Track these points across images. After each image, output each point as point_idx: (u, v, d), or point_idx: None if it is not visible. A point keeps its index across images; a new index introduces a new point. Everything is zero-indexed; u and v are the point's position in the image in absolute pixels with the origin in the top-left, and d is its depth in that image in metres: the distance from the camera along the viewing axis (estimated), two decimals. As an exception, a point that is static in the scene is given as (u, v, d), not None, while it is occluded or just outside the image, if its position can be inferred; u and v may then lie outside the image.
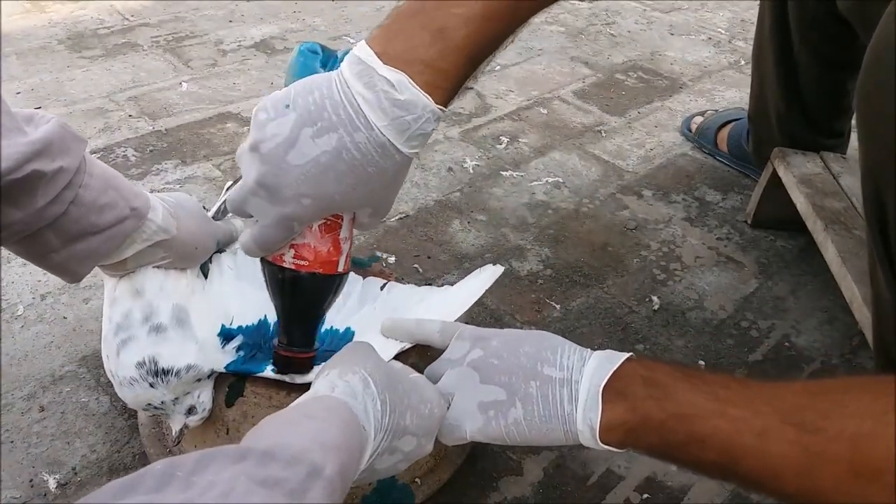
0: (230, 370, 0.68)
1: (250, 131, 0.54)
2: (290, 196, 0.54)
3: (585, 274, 1.08)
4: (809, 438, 0.47)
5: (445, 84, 0.53)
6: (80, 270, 0.62)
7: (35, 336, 0.90)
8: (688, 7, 2.06)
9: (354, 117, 0.52)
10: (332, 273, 0.62)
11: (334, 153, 0.52)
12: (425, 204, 1.19)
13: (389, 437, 0.53)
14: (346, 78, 0.52)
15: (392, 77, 0.51)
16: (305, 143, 0.52)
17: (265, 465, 0.39)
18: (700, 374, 0.54)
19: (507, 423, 0.56)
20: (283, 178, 0.53)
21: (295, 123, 0.52)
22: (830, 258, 0.94)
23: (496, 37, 0.55)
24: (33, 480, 0.74)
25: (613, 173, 1.32)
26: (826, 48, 1.08)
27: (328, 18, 1.74)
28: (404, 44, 0.52)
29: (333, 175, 0.53)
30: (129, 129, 1.29)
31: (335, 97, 0.52)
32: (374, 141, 0.52)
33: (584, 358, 0.57)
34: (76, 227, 0.59)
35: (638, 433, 0.53)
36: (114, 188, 0.61)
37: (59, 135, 0.56)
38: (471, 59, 0.54)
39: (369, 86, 0.51)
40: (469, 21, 0.52)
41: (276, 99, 0.53)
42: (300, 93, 0.53)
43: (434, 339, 0.65)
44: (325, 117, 0.52)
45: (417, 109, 0.52)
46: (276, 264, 0.61)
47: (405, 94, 0.51)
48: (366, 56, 0.52)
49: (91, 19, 1.66)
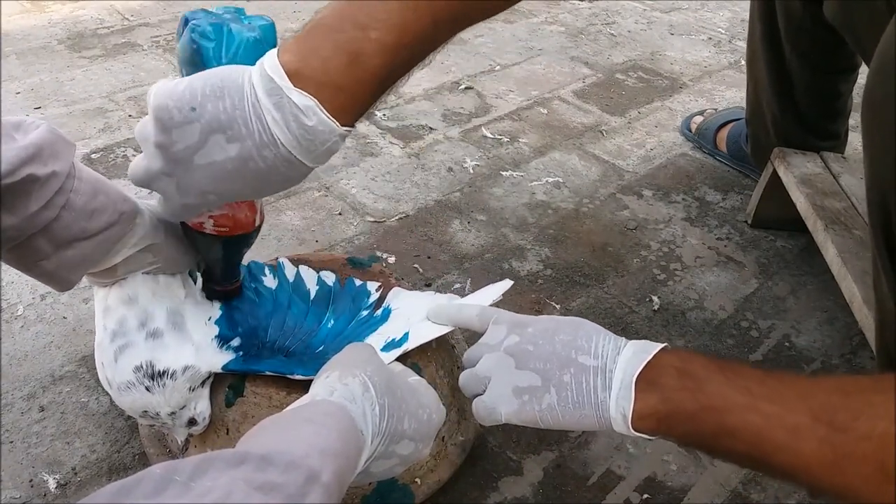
0: (228, 370, 0.68)
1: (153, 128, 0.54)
2: (195, 192, 0.55)
3: (585, 274, 1.08)
4: (839, 437, 0.48)
5: (355, 108, 0.54)
6: (70, 277, 0.62)
7: (35, 336, 0.90)
8: (688, 7, 2.06)
9: (263, 133, 0.52)
10: (250, 231, 0.66)
11: (241, 161, 0.53)
12: (425, 204, 1.19)
13: (387, 442, 0.53)
14: (257, 93, 0.52)
15: (301, 102, 0.52)
16: (213, 149, 0.53)
17: (263, 470, 0.39)
18: (736, 367, 0.55)
19: (542, 408, 0.57)
20: (189, 177, 0.55)
21: (203, 130, 0.52)
22: (830, 258, 0.94)
23: (410, 62, 0.56)
24: (33, 480, 0.74)
25: (613, 173, 1.32)
26: (816, 54, 1.09)
27: (328, 18, 1.73)
28: (319, 65, 0.52)
29: (239, 179, 0.54)
30: (129, 129, 1.29)
31: (245, 109, 0.52)
32: (282, 157, 0.53)
33: (618, 347, 0.57)
34: (67, 232, 0.59)
35: (670, 422, 0.54)
36: (103, 193, 0.61)
37: (49, 139, 0.56)
38: (384, 84, 0.55)
39: (278, 106, 0.52)
40: (385, 49, 0.53)
41: (180, 99, 0.52)
42: (208, 97, 0.52)
43: (473, 324, 0.66)
44: (235, 128, 0.52)
45: (324, 134, 0.53)
46: (198, 230, 0.65)
47: (313, 120, 0.52)
48: (277, 75, 0.52)
49: (91, 19, 1.66)
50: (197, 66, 0.56)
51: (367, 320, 0.76)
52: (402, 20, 0.53)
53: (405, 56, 0.54)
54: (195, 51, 0.57)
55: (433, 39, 0.56)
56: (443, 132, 1.37)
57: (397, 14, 0.52)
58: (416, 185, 1.23)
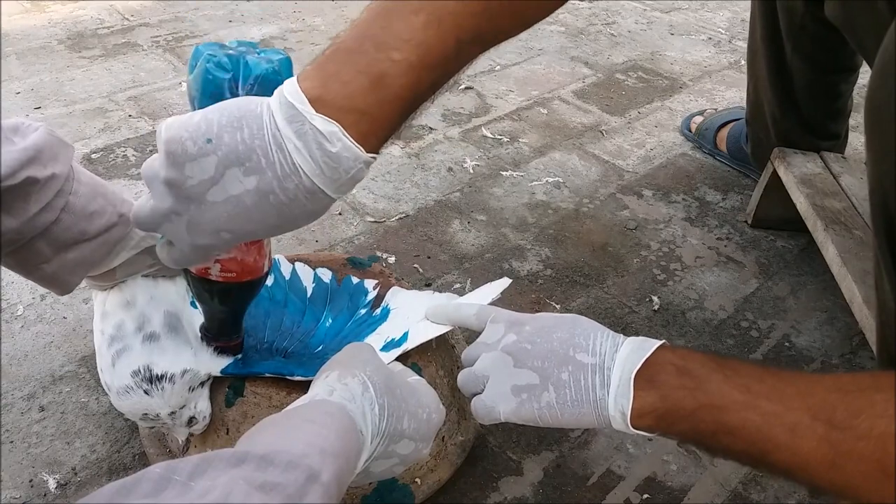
0: (226, 373, 0.68)
1: (164, 162, 0.50)
2: (209, 231, 0.52)
3: (585, 274, 1.08)
4: (839, 435, 0.48)
5: (380, 132, 0.52)
6: (70, 281, 0.62)
7: (35, 336, 0.90)
8: (688, 7, 2.06)
9: (284, 163, 0.50)
10: (259, 277, 0.63)
11: (260, 195, 0.50)
12: (425, 204, 1.19)
13: (386, 442, 0.53)
14: (276, 122, 0.50)
15: (324, 128, 0.49)
16: (230, 182, 0.50)
17: (263, 470, 0.39)
18: (735, 365, 0.54)
19: (540, 407, 0.57)
20: (203, 216, 0.51)
21: (220, 163, 0.49)
22: (830, 258, 0.94)
23: (435, 84, 0.53)
24: (33, 480, 0.74)
25: (613, 173, 1.32)
26: (817, 53, 1.09)
27: (328, 18, 1.74)
28: (341, 89, 0.50)
29: (258, 215, 0.51)
30: (129, 129, 1.29)
31: (265, 139, 0.50)
32: (304, 188, 0.50)
33: (616, 344, 0.57)
34: (67, 235, 0.58)
35: (668, 420, 0.54)
36: (101, 195, 0.61)
37: (48, 142, 0.56)
38: (408, 107, 0.53)
39: (300, 134, 0.49)
40: (409, 69, 0.50)
41: (195, 131, 0.49)
42: (225, 127, 0.49)
43: (471, 322, 0.66)
44: (254, 160, 0.49)
45: (348, 161, 0.50)
46: (203, 277, 0.61)
47: (337, 147, 0.49)
48: (298, 101, 0.50)
49: (91, 19, 1.66)
50: (212, 99, 0.54)
51: (366, 319, 0.76)
52: (426, 39, 0.51)
53: (429, 77, 0.52)
54: (210, 82, 0.55)
55: (457, 59, 0.54)
56: (443, 132, 1.37)
57: (420, 33, 0.51)
58: (416, 185, 1.23)
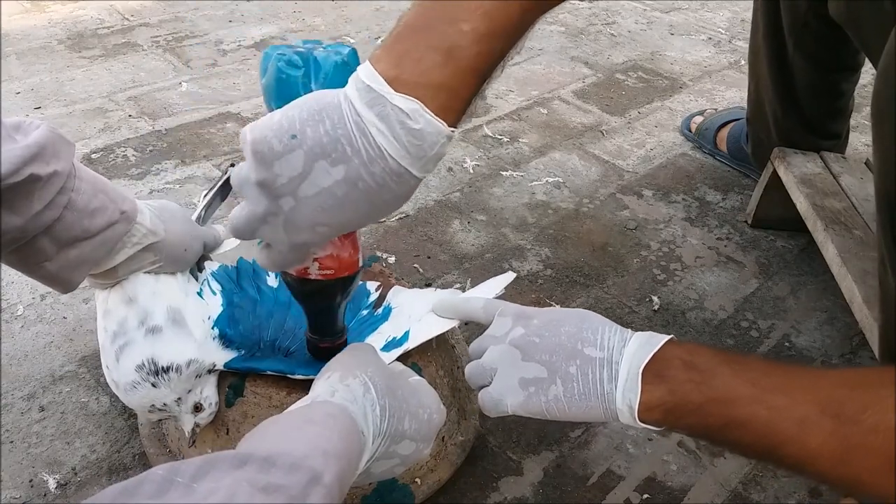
0: (231, 367, 0.68)
1: (252, 164, 0.51)
2: (306, 227, 0.52)
3: (585, 274, 1.08)
4: (847, 430, 0.48)
5: (458, 105, 0.52)
6: (73, 278, 0.62)
7: (35, 336, 0.90)
8: (688, 7, 2.06)
9: (369, 148, 0.50)
10: (356, 272, 0.64)
11: (350, 184, 0.51)
12: (425, 204, 1.19)
13: (387, 443, 0.53)
14: (356, 107, 0.50)
15: (406, 106, 0.50)
16: (319, 176, 0.51)
17: (266, 472, 0.39)
18: (742, 359, 0.55)
19: (548, 400, 0.57)
20: (298, 212, 0.52)
21: (307, 157, 0.50)
22: (830, 258, 0.94)
23: (503, 50, 0.54)
24: (33, 480, 0.74)
25: (613, 173, 1.32)
26: (819, 51, 1.09)
27: (328, 18, 1.74)
28: (415, 66, 0.50)
29: (349, 205, 0.52)
30: (129, 129, 1.29)
31: (347, 127, 0.50)
32: (391, 171, 0.51)
33: (624, 339, 0.57)
34: (69, 232, 0.59)
35: (676, 414, 0.54)
36: (103, 192, 0.61)
37: (50, 139, 0.56)
38: (481, 76, 0.53)
39: (382, 116, 0.50)
40: (480, 38, 0.51)
41: (279, 129, 0.50)
42: (307, 122, 0.50)
43: (478, 316, 0.66)
44: (339, 149, 0.50)
45: (432, 136, 0.51)
46: (302, 277, 0.61)
47: (420, 123, 0.50)
48: (376, 83, 0.50)
49: (91, 19, 1.66)
50: (287, 98, 0.54)
51: (367, 319, 0.76)
52: (492, 8, 0.51)
53: (498, 45, 0.53)
54: (283, 81, 0.56)
55: (521, 24, 0.54)
56: (443, 132, 1.37)
57: (487, 1, 0.51)
58: (416, 185, 1.23)
